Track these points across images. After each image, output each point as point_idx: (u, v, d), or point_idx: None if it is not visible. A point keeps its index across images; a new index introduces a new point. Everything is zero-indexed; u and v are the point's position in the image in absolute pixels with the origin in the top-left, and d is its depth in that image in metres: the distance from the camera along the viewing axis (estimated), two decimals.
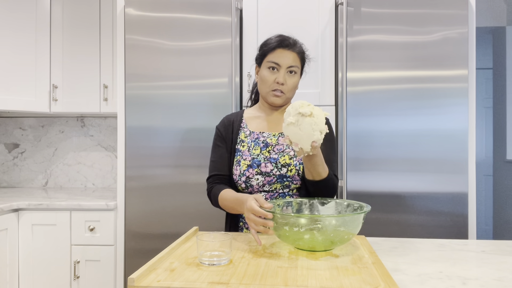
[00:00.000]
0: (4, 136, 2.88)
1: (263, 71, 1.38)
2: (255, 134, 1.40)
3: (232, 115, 1.48)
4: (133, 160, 2.07)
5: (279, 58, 1.34)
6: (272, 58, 1.35)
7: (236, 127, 1.43)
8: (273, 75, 1.35)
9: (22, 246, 2.16)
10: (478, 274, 0.96)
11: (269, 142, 1.37)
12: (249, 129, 1.42)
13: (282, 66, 1.34)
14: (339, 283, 0.81)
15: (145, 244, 2.07)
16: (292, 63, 1.35)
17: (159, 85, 2.07)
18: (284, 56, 1.34)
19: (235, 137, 1.41)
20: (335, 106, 2.05)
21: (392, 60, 1.96)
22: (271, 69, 1.35)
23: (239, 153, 1.38)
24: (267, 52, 1.36)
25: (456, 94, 1.93)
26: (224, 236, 1.01)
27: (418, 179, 1.94)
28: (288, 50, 1.35)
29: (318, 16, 2.07)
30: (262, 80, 1.38)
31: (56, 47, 2.50)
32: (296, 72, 1.37)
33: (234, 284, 0.81)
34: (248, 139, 1.39)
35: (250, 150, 1.37)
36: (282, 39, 1.35)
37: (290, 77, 1.36)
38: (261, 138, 1.38)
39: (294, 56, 1.35)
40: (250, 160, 1.35)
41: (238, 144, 1.40)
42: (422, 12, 1.95)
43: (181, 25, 2.06)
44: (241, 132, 1.42)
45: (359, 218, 1.03)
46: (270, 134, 1.40)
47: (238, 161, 1.37)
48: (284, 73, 1.35)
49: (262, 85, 1.38)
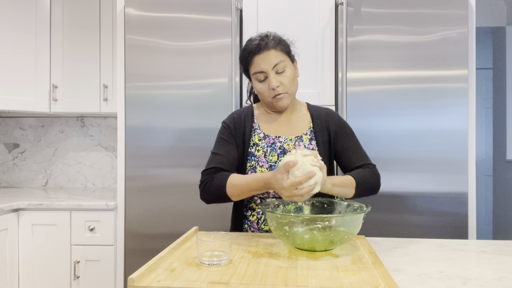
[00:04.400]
0: (4, 136, 2.88)
1: (254, 84, 1.32)
2: (270, 138, 1.33)
3: (243, 112, 1.40)
4: (133, 160, 2.07)
5: (260, 66, 1.27)
6: (254, 69, 1.28)
7: (248, 127, 1.35)
8: (265, 84, 1.29)
9: (22, 246, 2.16)
10: (478, 274, 0.96)
11: (286, 148, 1.32)
12: (263, 131, 1.35)
13: (267, 71, 1.27)
14: (339, 283, 0.81)
15: (145, 244, 2.07)
16: (275, 61, 1.26)
17: (159, 85, 2.07)
18: (263, 61, 1.26)
19: (248, 139, 1.34)
20: (335, 106, 2.05)
21: (392, 60, 1.96)
22: (260, 80, 1.29)
23: (254, 158, 1.31)
24: (247, 66, 1.31)
25: (456, 94, 1.93)
26: (224, 236, 1.01)
27: (418, 179, 1.94)
28: (263, 52, 1.26)
29: (318, 16, 2.07)
30: (259, 93, 1.33)
31: (56, 47, 2.50)
32: (285, 65, 1.28)
33: (234, 284, 0.81)
34: (263, 143, 1.33)
35: (267, 156, 1.31)
36: (254, 46, 1.27)
37: (282, 75, 1.28)
38: (277, 143, 1.32)
39: (273, 53, 1.27)
40: (268, 167, 1.29)
41: (251, 147, 1.33)
42: (422, 12, 1.95)
43: (181, 25, 2.06)
44: (254, 134, 1.35)
45: (359, 218, 1.03)
46: (287, 138, 1.33)
47: (253, 166, 1.31)
48: (273, 75, 1.27)
49: (261, 96, 1.33)
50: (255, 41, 1.28)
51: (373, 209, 1.93)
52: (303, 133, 1.35)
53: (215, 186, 1.26)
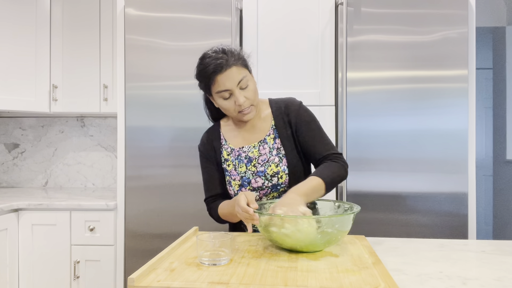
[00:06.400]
0: (4, 136, 2.88)
1: (219, 102, 1.28)
2: (235, 151, 1.34)
3: (210, 132, 1.41)
4: (133, 160, 2.07)
5: (225, 85, 1.22)
6: (218, 88, 1.23)
7: (216, 145, 1.38)
8: (230, 101, 1.25)
9: (22, 246, 2.16)
10: (478, 274, 0.96)
11: (251, 156, 1.32)
12: (229, 146, 1.36)
13: (232, 88, 1.23)
14: (339, 283, 0.81)
15: (145, 244, 2.07)
16: (238, 77, 1.23)
17: (159, 85, 2.07)
18: (227, 79, 1.22)
19: (219, 157, 1.37)
20: (335, 106, 2.05)
21: (392, 60, 1.96)
22: (225, 98, 1.25)
23: (227, 173, 1.35)
24: (208, 84, 1.25)
25: (456, 94, 1.93)
26: (224, 236, 1.01)
27: (418, 179, 1.94)
28: (226, 71, 1.21)
29: (318, 16, 2.07)
30: (224, 110, 1.29)
31: (56, 47, 2.50)
32: (248, 79, 1.25)
33: (234, 284, 0.81)
34: (231, 157, 1.34)
35: (237, 169, 1.33)
36: (215, 66, 1.21)
37: (246, 90, 1.25)
38: (242, 154, 1.33)
39: (235, 69, 1.22)
40: (240, 179, 1.32)
41: (223, 163, 1.36)
42: (422, 12, 1.95)
43: (181, 25, 2.06)
44: (223, 150, 1.37)
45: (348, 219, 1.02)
46: (250, 146, 1.34)
47: (229, 181, 1.34)
48: (239, 92, 1.24)
49: (227, 112, 1.30)
50: (214, 59, 1.22)
51: (373, 209, 1.93)
52: (266, 135, 1.34)
53: (214, 217, 1.38)
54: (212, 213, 1.38)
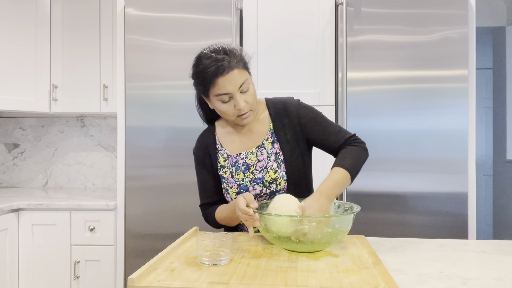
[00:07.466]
0: (4, 136, 2.88)
1: (215, 103, 1.21)
2: (232, 157, 1.29)
3: (205, 136, 1.35)
4: (133, 160, 2.07)
5: (226, 88, 1.15)
6: (217, 91, 1.17)
7: (212, 151, 1.32)
8: (229, 105, 1.19)
9: (22, 246, 2.16)
10: (478, 274, 0.96)
11: (249, 163, 1.27)
12: (226, 151, 1.31)
13: (232, 92, 1.16)
14: (339, 283, 0.81)
15: (145, 244, 2.07)
16: (240, 81, 1.16)
17: (159, 85, 2.06)
18: (229, 83, 1.15)
19: (215, 163, 1.31)
20: (335, 106, 2.05)
21: (392, 60, 1.96)
22: (224, 101, 1.19)
23: (224, 180, 1.30)
24: (208, 85, 1.17)
25: (456, 94, 1.93)
26: (224, 236, 1.01)
27: (418, 179, 1.94)
28: (228, 73, 1.14)
29: (318, 16, 2.07)
30: (222, 113, 1.23)
31: (56, 47, 2.50)
32: (248, 83, 1.20)
33: (234, 284, 0.81)
34: (228, 164, 1.29)
35: (234, 176, 1.28)
36: (216, 68, 1.14)
37: (246, 93, 1.19)
38: (240, 161, 1.28)
39: (237, 72, 1.16)
40: (237, 187, 1.28)
41: (219, 170, 1.31)
42: (422, 12, 1.95)
43: (181, 25, 2.06)
44: (219, 156, 1.31)
45: (348, 219, 1.02)
46: (248, 152, 1.29)
47: (225, 189, 1.30)
48: (240, 96, 1.17)
49: (225, 116, 1.24)
50: (215, 60, 1.15)
51: (373, 209, 1.93)
52: (264, 139, 1.29)
53: (210, 222, 1.36)
54: (208, 218, 1.36)
